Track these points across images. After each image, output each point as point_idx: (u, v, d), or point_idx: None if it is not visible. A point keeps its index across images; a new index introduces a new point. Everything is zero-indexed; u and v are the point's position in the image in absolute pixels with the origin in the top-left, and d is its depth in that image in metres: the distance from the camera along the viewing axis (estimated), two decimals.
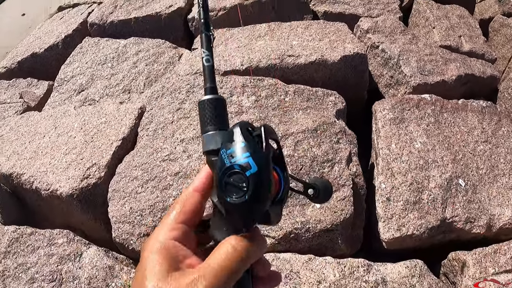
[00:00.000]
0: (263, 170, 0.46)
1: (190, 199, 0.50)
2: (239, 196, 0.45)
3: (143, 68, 2.57)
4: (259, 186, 0.45)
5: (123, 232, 1.77)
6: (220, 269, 0.43)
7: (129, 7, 3.19)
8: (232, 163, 0.46)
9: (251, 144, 0.47)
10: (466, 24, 3.19)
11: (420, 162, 1.83)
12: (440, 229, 1.67)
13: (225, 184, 0.46)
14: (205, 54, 0.58)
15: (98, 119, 2.22)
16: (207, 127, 0.54)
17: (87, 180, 1.95)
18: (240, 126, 0.49)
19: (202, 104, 0.56)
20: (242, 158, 0.46)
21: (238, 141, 0.48)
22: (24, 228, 2.01)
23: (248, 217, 0.47)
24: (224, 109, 0.56)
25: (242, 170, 0.46)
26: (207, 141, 0.53)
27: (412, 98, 2.18)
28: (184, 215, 0.49)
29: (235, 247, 0.45)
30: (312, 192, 0.59)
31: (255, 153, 0.46)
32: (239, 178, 0.46)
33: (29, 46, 3.32)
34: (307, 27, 2.62)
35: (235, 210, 0.46)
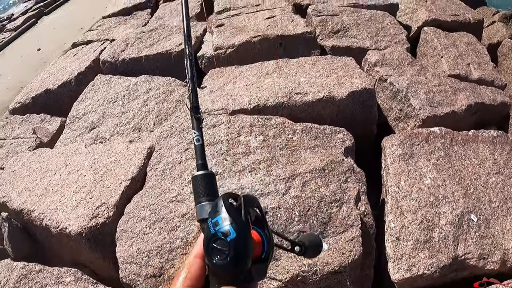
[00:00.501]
0: (241, 235, 0.55)
1: (194, 265, 0.58)
2: (222, 259, 0.54)
3: (153, 107, 2.61)
4: (238, 249, 0.55)
5: (130, 273, 1.76)
6: None
7: (140, 45, 3.27)
8: (216, 231, 0.56)
9: (231, 214, 0.57)
10: (474, 51, 3.18)
11: (430, 199, 1.80)
12: (452, 267, 1.63)
13: (211, 249, 0.56)
14: (196, 135, 0.69)
15: (108, 158, 2.25)
16: (200, 198, 0.65)
17: (96, 219, 1.96)
18: (223, 199, 0.59)
19: (195, 179, 0.66)
20: (224, 226, 0.56)
21: (221, 211, 0.57)
22: (32, 265, 2.03)
23: (232, 275, 0.55)
24: (214, 182, 0.67)
25: (224, 236, 0.55)
26: (200, 211, 0.64)
27: (421, 132, 2.17)
28: (190, 280, 0.57)
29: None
30: (298, 249, 0.68)
31: (234, 222, 0.56)
32: (222, 243, 0.55)
33: (43, 82, 3.41)
34: (314, 63, 2.65)
35: (220, 270, 0.55)
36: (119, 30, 4.05)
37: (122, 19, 4.39)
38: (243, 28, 3.12)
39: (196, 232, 1.75)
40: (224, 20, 3.32)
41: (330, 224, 1.68)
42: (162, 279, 1.70)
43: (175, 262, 1.70)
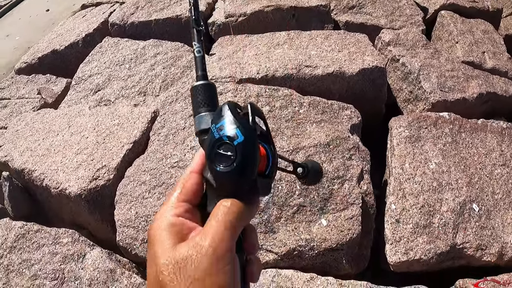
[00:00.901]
0: (249, 139, 0.50)
1: (189, 180, 0.52)
2: (228, 165, 0.49)
3: (160, 71, 2.57)
4: (246, 154, 0.49)
5: (127, 237, 1.76)
6: (219, 225, 0.46)
7: (150, 8, 3.21)
8: (220, 135, 0.50)
9: (238, 118, 0.51)
10: (490, 40, 3.10)
11: (434, 184, 1.77)
12: (449, 255, 1.62)
13: (215, 155, 0.50)
14: (196, 47, 0.62)
15: (112, 120, 2.23)
16: (199, 109, 0.59)
17: (96, 181, 1.96)
18: (228, 104, 0.53)
19: (195, 89, 0.60)
20: (230, 130, 0.50)
21: (227, 115, 0.52)
22: (31, 224, 2.03)
23: (237, 184, 0.50)
24: (215, 93, 0.61)
25: (230, 140, 0.49)
26: (200, 122, 0.58)
27: (430, 115, 2.12)
28: (185, 195, 0.51)
29: (228, 206, 0.48)
30: (301, 171, 0.63)
31: (241, 126, 0.50)
32: (227, 148, 0.49)
33: (50, 43, 3.37)
34: (327, 37, 2.59)
35: (224, 178, 0.50)
36: None
37: None
38: None
39: None
40: None
41: (331, 200, 1.66)
42: None
43: None
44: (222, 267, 0.44)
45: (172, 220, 0.49)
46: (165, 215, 0.49)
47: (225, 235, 0.46)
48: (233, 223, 0.47)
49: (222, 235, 0.45)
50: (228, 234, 0.46)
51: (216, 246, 0.45)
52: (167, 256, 0.45)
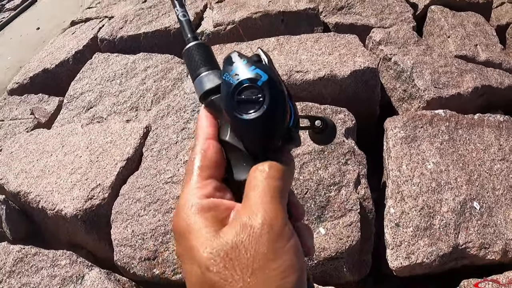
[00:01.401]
0: (274, 76, 0.43)
1: (209, 150, 0.43)
2: (258, 108, 0.42)
3: (151, 85, 2.56)
4: (275, 91, 0.43)
5: (124, 256, 1.74)
6: (265, 196, 0.38)
7: (139, 22, 3.19)
8: (239, 80, 0.43)
9: (253, 62, 0.44)
10: (482, 32, 3.08)
11: (433, 185, 1.75)
12: (452, 256, 1.59)
13: (238, 103, 0.43)
14: (180, 11, 0.56)
15: (104, 138, 2.21)
16: (198, 70, 0.51)
17: (91, 201, 1.94)
18: (236, 52, 0.47)
19: (188, 51, 0.52)
20: (249, 72, 0.43)
21: (239, 61, 0.45)
22: (28, 248, 2.01)
23: (272, 131, 0.43)
24: (212, 53, 0.53)
25: (253, 82, 0.43)
26: (203, 82, 0.49)
27: (425, 114, 2.10)
28: (209, 169, 0.42)
29: (266, 170, 0.40)
30: (319, 123, 0.53)
31: (260, 65, 0.44)
32: (251, 91, 0.43)
33: (41, 62, 3.35)
34: (316, 40, 2.57)
35: (256, 126, 0.42)
36: (119, 7, 3.95)
37: None
38: (244, 3, 3.03)
39: None
40: None
41: (328, 208, 1.63)
42: (157, 262, 1.67)
43: (170, 245, 1.67)
44: (283, 245, 0.36)
45: (203, 203, 0.39)
46: (192, 199, 0.40)
47: (276, 206, 0.38)
48: (279, 190, 0.39)
49: (273, 207, 0.37)
50: (279, 204, 0.38)
51: (271, 223, 0.36)
52: (211, 248, 0.36)
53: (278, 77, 0.44)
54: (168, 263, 1.65)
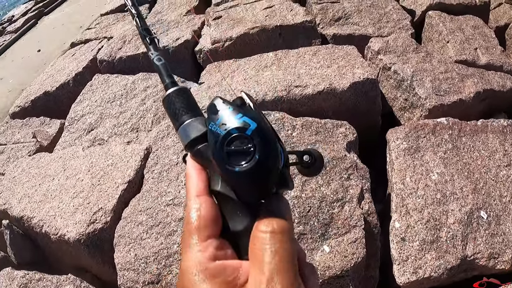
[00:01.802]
0: (262, 123, 0.42)
1: (203, 208, 0.42)
2: (249, 159, 0.40)
3: (151, 105, 2.56)
4: (265, 139, 0.41)
5: (128, 280, 1.72)
6: (280, 262, 0.37)
7: (138, 41, 3.21)
8: (227, 130, 0.41)
9: (238, 108, 0.43)
10: (481, 35, 3.05)
11: (438, 196, 1.72)
12: (461, 268, 1.55)
13: (228, 155, 0.41)
14: (155, 55, 0.55)
15: (105, 161, 2.20)
16: (181, 118, 0.48)
17: (93, 225, 1.92)
18: (219, 98, 0.45)
19: (168, 98, 0.50)
20: (236, 121, 0.41)
21: (224, 108, 0.43)
22: (32, 273, 2.01)
23: (266, 180, 0.41)
24: (192, 97, 0.51)
25: (241, 131, 0.41)
26: (187, 131, 0.47)
27: (428, 123, 2.08)
28: (207, 229, 0.41)
29: (269, 229, 0.39)
30: (308, 158, 0.52)
31: (247, 112, 0.42)
32: (241, 141, 0.41)
33: (42, 84, 3.38)
34: (315, 53, 2.56)
35: (249, 177, 0.40)
36: (117, 27, 3.98)
37: (120, 16, 4.32)
38: (241, 19, 3.03)
39: None
40: (221, 12, 3.23)
41: (332, 225, 1.61)
42: (160, 285, 1.65)
43: (173, 268, 1.65)
44: None
45: (209, 268, 0.38)
46: (197, 264, 0.39)
47: (292, 274, 0.37)
48: (292, 253, 0.38)
49: (290, 276, 0.37)
50: (294, 270, 0.38)
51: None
52: None
53: (266, 123, 0.42)
54: (172, 286, 1.63)
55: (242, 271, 0.39)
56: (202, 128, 0.46)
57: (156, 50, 0.56)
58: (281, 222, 0.39)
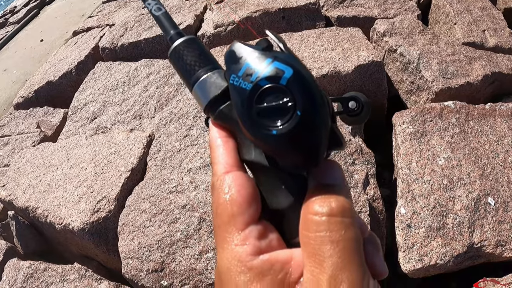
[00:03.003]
0: (299, 67, 0.32)
1: (235, 187, 0.34)
2: (289, 118, 0.31)
3: (153, 91, 2.53)
4: (306, 88, 0.32)
5: (132, 268, 1.72)
6: (346, 254, 0.29)
7: (139, 28, 3.17)
8: (254, 81, 0.32)
9: (267, 50, 0.34)
10: (489, 17, 2.97)
11: (444, 182, 1.68)
12: (467, 255, 1.53)
13: (259, 115, 0.32)
14: (153, 4, 0.45)
15: (108, 149, 2.19)
16: (195, 74, 0.39)
17: (97, 213, 1.92)
18: (239, 41, 0.36)
19: (175, 53, 0.41)
20: (265, 67, 0.32)
21: (247, 53, 0.34)
22: (38, 263, 2.02)
23: (314, 139, 0.32)
24: (205, 48, 0.41)
25: (274, 81, 0.32)
26: (205, 90, 0.38)
27: (434, 107, 2.03)
28: (243, 215, 0.33)
29: (332, 214, 0.30)
30: (354, 105, 0.41)
31: (278, 56, 0.33)
32: (275, 94, 0.32)
33: (45, 74, 3.36)
34: (319, 36, 2.51)
35: (291, 141, 0.32)
36: (119, 14, 3.94)
37: (122, 2, 4.27)
38: (244, 3, 2.98)
39: (196, 224, 1.68)
40: None
41: None
42: (164, 273, 1.65)
43: (176, 256, 1.64)
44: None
45: (253, 267, 0.31)
46: (238, 263, 0.31)
47: (361, 268, 0.30)
48: (358, 242, 0.31)
49: (359, 271, 0.30)
50: (359, 262, 0.30)
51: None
52: None
53: (304, 67, 0.33)
54: (175, 274, 1.62)
55: (294, 265, 0.32)
56: (222, 83, 0.38)
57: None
58: (340, 200, 0.31)
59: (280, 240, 0.34)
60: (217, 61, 0.41)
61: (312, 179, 0.34)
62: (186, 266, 1.60)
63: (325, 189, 0.32)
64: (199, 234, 1.64)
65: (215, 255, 1.59)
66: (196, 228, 1.66)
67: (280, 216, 0.35)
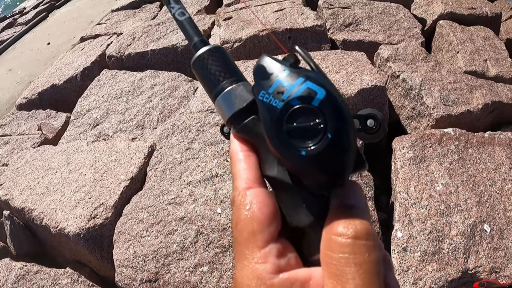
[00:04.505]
0: (332, 89, 0.32)
1: (257, 205, 0.34)
2: (319, 139, 0.31)
3: (157, 103, 2.55)
4: (338, 111, 0.32)
5: (125, 277, 1.71)
6: (367, 278, 0.30)
7: (147, 39, 3.21)
8: (285, 100, 0.32)
9: (297, 68, 0.33)
10: (491, 47, 3.03)
11: (441, 207, 1.70)
12: (462, 280, 1.54)
13: (289, 134, 0.32)
14: (177, 8, 0.43)
15: (109, 156, 2.20)
16: (220, 84, 0.39)
17: (94, 220, 1.92)
18: (269, 56, 0.35)
19: (199, 61, 0.40)
20: (297, 87, 0.32)
21: (278, 70, 0.33)
22: (30, 265, 2.01)
23: (342, 162, 0.32)
24: (230, 59, 0.41)
25: (306, 102, 0.32)
26: (229, 102, 0.37)
27: (434, 133, 2.06)
28: (263, 233, 0.33)
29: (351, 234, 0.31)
30: (372, 123, 0.41)
31: (310, 76, 0.32)
32: (306, 115, 0.32)
33: (49, 77, 3.38)
34: (324, 58, 2.55)
35: (319, 162, 0.31)
36: (128, 23, 3.99)
37: (131, 12, 4.33)
38: (251, 21, 3.03)
39: (192, 237, 1.68)
40: (232, 13, 3.23)
41: None
42: (158, 284, 1.64)
43: (171, 267, 1.64)
44: None
45: (274, 285, 0.31)
46: (257, 281, 0.32)
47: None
48: (378, 265, 0.31)
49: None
50: (380, 286, 0.30)
51: None
52: None
53: (335, 88, 0.33)
54: (169, 286, 1.62)
55: (313, 283, 0.32)
56: (248, 96, 0.37)
57: (178, 3, 0.44)
58: (364, 223, 0.31)
59: (297, 259, 0.34)
60: (241, 73, 0.41)
61: (334, 198, 0.34)
62: (181, 278, 1.60)
63: (349, 211, 0.32)
64: (195, 247, 1.65)
65: (210, 268, 1.59)
66: (192, 241, 1.66)
67: (300, 234, 0.35)
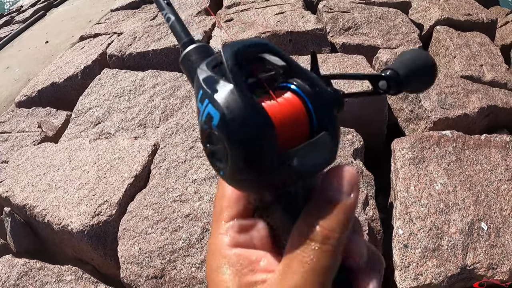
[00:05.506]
0: (230, 110, 0.30)
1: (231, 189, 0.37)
2: (224, 162, 0.31)
3: (159, 102, 2.58)
4: (234, 131, 0.29)
5: (131, 273, 1.74)
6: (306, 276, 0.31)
7: (148, 39, 3.23)
8: (201, 123, 0.32)
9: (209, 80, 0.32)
10: (487, 52, 3.10)
11: (440, 206, 1.75)
12: (460, 276, 1.59)
13: (211, 156, 0.32)
14: (167, 11, 0.44)
15: (112, 154, 2.22)
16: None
17: (98, 217, 1.94)
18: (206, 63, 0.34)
19: (186, 58, 0.40)
20: (203, 110, 0.31)
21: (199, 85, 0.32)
22: (33, 262, 2.01)
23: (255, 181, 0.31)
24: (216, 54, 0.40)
25: (210, 128, 0.30)
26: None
27: (433, 135, 2.11)
28: (231, 209, 0.37)
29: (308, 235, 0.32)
30: (385, 86, 0.38)
31: (218, 89, 0.31)
32: (213, 138, 0.31)
33: (49, 75, 3.39)
34: (324, 61, 2.59)
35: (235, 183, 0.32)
36: (127, 23, 4.01)
37: (131, 12, 4.34)
38: (252, 23, 3.07)
39: (199, 234, 1.71)
40: (233, 15, 3.27)
41: None
42: (164, 280, 1.67)
43: (177, 263, 1.67)
44: None
45: (228, 255, 0.35)
46: (217, 249, 0.36)
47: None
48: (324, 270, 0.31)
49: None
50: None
51: None
52: None
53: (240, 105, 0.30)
54: (175, 282, 1.65)
55: (261, 267, 0.34)
56: None
57: (168, 7, 0.45)
58: (327, 225, 0.32)
59: (264, 239, 0.36)
60: None
61: (317, 190, 0.35)
62: (187, 274, 1.63)
63: (319, 208, 0.33)
64: (201, 244, 1.68)
65: None
66: (198, 237, 1.69)
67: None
